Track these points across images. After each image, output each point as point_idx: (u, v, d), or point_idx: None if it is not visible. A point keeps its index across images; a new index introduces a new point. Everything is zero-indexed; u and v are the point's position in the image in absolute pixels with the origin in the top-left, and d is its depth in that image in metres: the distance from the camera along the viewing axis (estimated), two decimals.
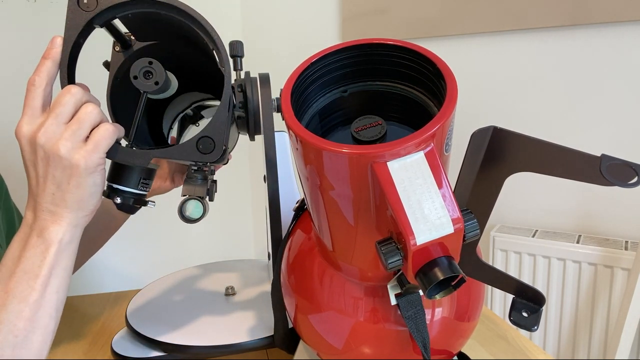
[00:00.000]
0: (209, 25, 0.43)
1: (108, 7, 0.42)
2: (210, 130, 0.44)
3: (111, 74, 0.49)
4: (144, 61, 0.43)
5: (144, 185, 0.48)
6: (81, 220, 0.45)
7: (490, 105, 1.28)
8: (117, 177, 0.47)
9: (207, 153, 0.44)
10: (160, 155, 0.45)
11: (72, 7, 0.42)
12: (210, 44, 0.44)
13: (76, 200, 0.43)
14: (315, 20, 1.46)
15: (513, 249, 1.21)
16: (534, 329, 0.44)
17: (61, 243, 0.44)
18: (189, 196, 0.48)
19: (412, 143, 0.31)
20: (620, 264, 1.08)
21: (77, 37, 0.43)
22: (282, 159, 0.61)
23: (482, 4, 1.22)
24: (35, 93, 0.42)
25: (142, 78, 0.43)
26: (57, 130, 0.41)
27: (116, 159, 0.45)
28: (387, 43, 0.39)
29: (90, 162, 0.41)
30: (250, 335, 0.59)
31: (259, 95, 0.54)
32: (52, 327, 0.44)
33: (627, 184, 0.32)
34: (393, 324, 0.44)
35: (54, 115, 0.41)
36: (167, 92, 0.48)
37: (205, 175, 0.50)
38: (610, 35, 1.12)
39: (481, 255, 0.44)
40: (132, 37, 0.49)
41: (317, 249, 0.47)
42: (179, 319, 0.63)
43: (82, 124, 0.41)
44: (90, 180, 0.42)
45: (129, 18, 0.44)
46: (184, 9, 0.43)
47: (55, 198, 0.43)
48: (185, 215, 0.48)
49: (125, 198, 0.47)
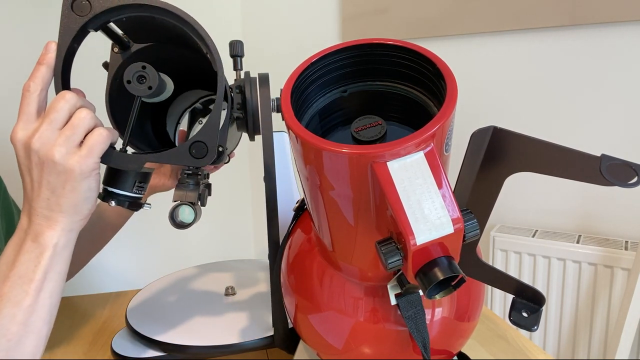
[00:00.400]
0: (201, 29, 0.43)
1: (102, 11, 0.42)
2: (203, 135, 0.44)
3: (110, 75, 0.49)
4: (137, 66, 0.43)
5: (139, 188, 0.48)
6: (76, 224, 0.45)
7: (490, 105, 1.28)
8: (112, 181, 0.47)
9: (200, 157, 0.44)
10: (153, 159, 0.45)
11: (66, 12, 0.42)
12: (203, 47, 0.44)
13: (71, 205, 0.43)
14: (315, 20, 1.46)
15: (513, 249, 1.21)
16: (534, 329, 0.44)
17: (56, 247, 0.44)
18: (180, 202, 0.48)
19: (412, 143, 0.31)
20: (620, 264, 1.08)
21: (71, 41, 0.43)
22: (282, 159, 0.62)
23: (482, 4, 1.22)
24: (30, 99, 0.42)
25: (136, 82, 0.43)
26: (52, 136, 0.41)
27: (110, 163, 0.45)
28: (387, 43, 0.39)
29: (84, 166, 0.42)
30: (250, 335, 0.59)
31: (257, 95, 0.54)
32: (45, 332, 0.44)
33: (627, 184, 0.32)
34: (393, 324, 0.44)
35: (49, 121, 0.41)
36: (162, 96, 0.48)
37: (198, 180, 0.50)
38: (610, 35, 1.12)
39: (481, 255, 0.44)
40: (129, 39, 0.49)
41: (317, 249, 0.47)
42: (179, 319, 0.63)
43: (76, 130, 0.42)
44: (84, 185, 0.43)
45: (123, 21, 0.44)
46: (177, 13, 0.43)
47: (50, 203, 0.43)
48: (176, 220, 0.48)
49: (120, 201, 0.48)
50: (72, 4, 0.42)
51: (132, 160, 0.45)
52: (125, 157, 0.45)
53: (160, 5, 0.42)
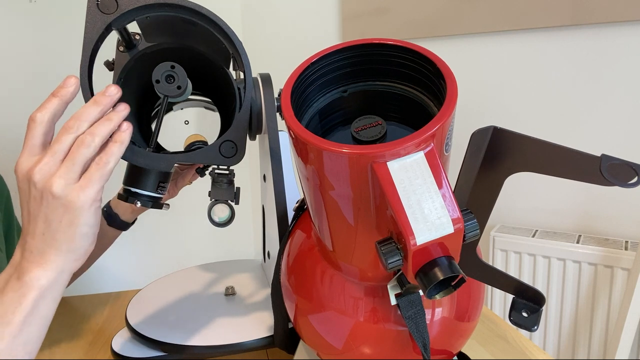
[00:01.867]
0: (228, 29, 0.43)
1: (128, 10, 0.42)
2: (233, 135, 0.44)
3: (115, 74, 0.49)
4: (166, 65, 0.43)
5: (161, 188, 0.49)
6: (69, 265, 0.42)
7: (490, 105, 1.28)
8: (135, 181, 0.47)
9: (230, 157, 0.45)
10: (184, 159, 0.45)
11: (92, 10, 0.41)
12: (230, 48, 0.44)
13: (66, 240, 0.40)
14: (315, 20, 1.46)
15: (513, 249, 1.21)
16: (534, 329, 0.44)
17: (42, 289, 0.40)
18: (216, 200, 0.48)
19: (412, 143, 0.31)
20: (620, 264, 1.08)
21: (97, 40, 0.42)
22: (282, 158, 0.61)
23: (482, 4, 1.22)
24: (35, 131, 0.40)
25: (164, 82, 0.43)
26: (52, 168, 0.40)
27: (140, 163, 0.44)
28: (387, 43, 0.39)
29: (83, 198, 0.39)
30: (250, 335, 0.59)
31: (261, 95, 0.54)
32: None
33: (627, 184, 0.32)
34: (393, 324, 0.44)
35: (51, 152, 0.40)
36: (183, 96, 0.48)
37: (230, 179, 0.50)
38: (610, 35, 1.12)
39: (481, 255, 0.44)
40: (136, 37, 0.49)
41: (317, 249, 0.47)
42: (179, 319, 0.63)
43: (75, 161, 0.40)
44: (82, 219, 0.40)
45: (145, 20, 0.44)
46: (204, 13, 0.43)
47: (45, 238, 0.40)
48: (214, 219, 0.48)
49: (144, 202, 0.48)
50: (98, 2, 0.41)
51: (162, 160, 0.45)
52: (156, 157, 0.45)
53: (189, 5, 0.42)
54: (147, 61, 0.48)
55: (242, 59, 0.44)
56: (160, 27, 0.47)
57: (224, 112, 0.54)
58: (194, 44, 0.49)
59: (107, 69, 0.50)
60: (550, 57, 1.19)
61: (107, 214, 0.76)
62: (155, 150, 0.46)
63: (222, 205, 0.48)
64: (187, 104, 0.57)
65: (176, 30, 0.47)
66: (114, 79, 0.49)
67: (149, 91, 0.46)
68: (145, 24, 0.46)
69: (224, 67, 0.49)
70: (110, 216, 0.76)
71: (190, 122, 0.55)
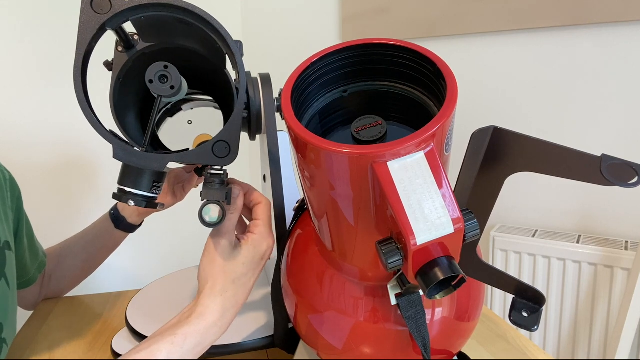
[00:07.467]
0: (222, 29, 0.43)
1: (122, 10, 0.42)
2: (226, 135, 0.44)
3: (114, 75, 0.49)
4: (159, 65, 0.43)
5: (155, 187, 0.48)
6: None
7: (491, 105, 1.28)
8: (129, 180, 0.47)
9: (223, 157, 0.44)
10: (176, 159, 0.45)
11: (86, 10, 0.42)
12: (224, 47, 0.44)
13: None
14: (315, 20, 1.46)
15: (513, 249, 1.21)
16: (534, 329, 0.44)
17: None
18: (208, 200, 0.48)
19: (412, 143, 0.31)
20: (620, 264, 1.08)
21: (90, 40, 0.42)
22: (282, 159, 0.61)
23: (482, 4, 1.22)
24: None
25: (158, 82, 0.43)
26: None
27: (133, 163, 0.44)
28: (387, 43, 0.39)
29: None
30: (250, 335, 0.58)
31: (261, 95, 0.54)
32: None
33: (627, 184, 0.32)
34: (393, 324, 0.44)
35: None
36: (178, 95, 0.48)
37: (223, 179, 0.50)
38: (610, 35, 1.12)
39: (481, 255, 0.44)
40: (135, 37, 0.49)
41: (317, 248, 0.47)
42: None
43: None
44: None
45: (140, 20, 0.44)
46: (199, 13, 0.42)
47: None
48: (205, 219, 0.48)
49: (138, 201, 0.47)
50: (92, 2, 0.41)
51: (155, 160, 0.45)
52: (149, 157, 0.45)
53: (182, 5, 0.42)
54: (146, 61, 0.48)
55: (235, 58, 0.44)
56: (157, 27, 0.47)
57: (226, 112, 0.54)
58: (192, 44, 0.49)
59: (107, 69, 0.50)
60: (551, 57, 1.19)
61: (114, 216, 0.77)
62: (151, 150, 0.46)
63: (213, 205, 0.48)
64: (197, 104, 0.57)
65: (173, 30, 0.47)
66: (113, 79, 0.49)
67: (150, 91, 0.46)
68: (141, 24, 0.46)
69: (221, 67, 0.49)
70: (118, 219, 0.77)
71: (201, 122, 0.55)
